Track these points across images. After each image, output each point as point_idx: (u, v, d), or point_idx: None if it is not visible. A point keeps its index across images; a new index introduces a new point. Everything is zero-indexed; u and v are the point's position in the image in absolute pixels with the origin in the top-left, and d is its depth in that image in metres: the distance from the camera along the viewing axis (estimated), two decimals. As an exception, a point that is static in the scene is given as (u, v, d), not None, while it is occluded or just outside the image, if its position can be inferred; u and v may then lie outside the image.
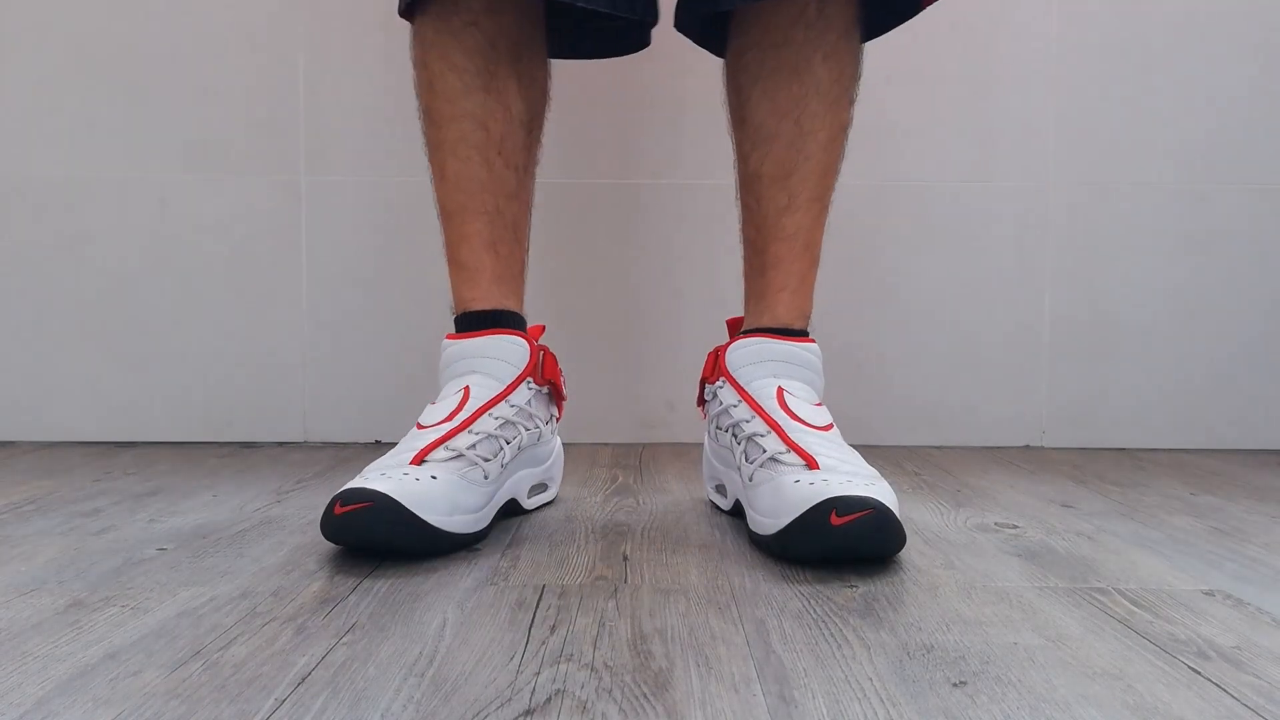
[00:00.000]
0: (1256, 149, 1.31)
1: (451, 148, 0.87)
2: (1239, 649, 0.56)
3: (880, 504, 0.70)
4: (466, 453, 0.79)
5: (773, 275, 0.90)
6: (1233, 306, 1.32)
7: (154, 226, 1.31)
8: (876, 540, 0.70)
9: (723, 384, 0.87)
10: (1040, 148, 1.32)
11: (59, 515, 0.88)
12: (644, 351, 1.31)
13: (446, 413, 0.81)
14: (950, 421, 1.33)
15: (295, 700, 0.48)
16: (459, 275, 0.89)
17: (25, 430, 1.31)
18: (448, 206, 0.89)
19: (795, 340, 0.87)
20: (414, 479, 0.74)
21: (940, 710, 0.47)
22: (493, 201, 0.88)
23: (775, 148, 0.88)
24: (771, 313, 0.89)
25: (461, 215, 0.88)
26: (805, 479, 0.74)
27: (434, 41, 0.88)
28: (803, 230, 0.90)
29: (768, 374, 0.85)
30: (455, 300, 0.90)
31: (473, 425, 0.80)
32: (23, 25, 1.29)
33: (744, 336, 0.88)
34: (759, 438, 0.81)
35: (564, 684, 0.50)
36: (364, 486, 0.71)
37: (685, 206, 1.31)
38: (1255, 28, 1.31)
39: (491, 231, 0.88)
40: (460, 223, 0.88)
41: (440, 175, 0.89)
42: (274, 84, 1.30)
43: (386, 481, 0.72)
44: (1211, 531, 0.85)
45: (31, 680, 0.50)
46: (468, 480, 0.78)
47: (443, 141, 0.88)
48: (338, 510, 0.70)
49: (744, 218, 0.93)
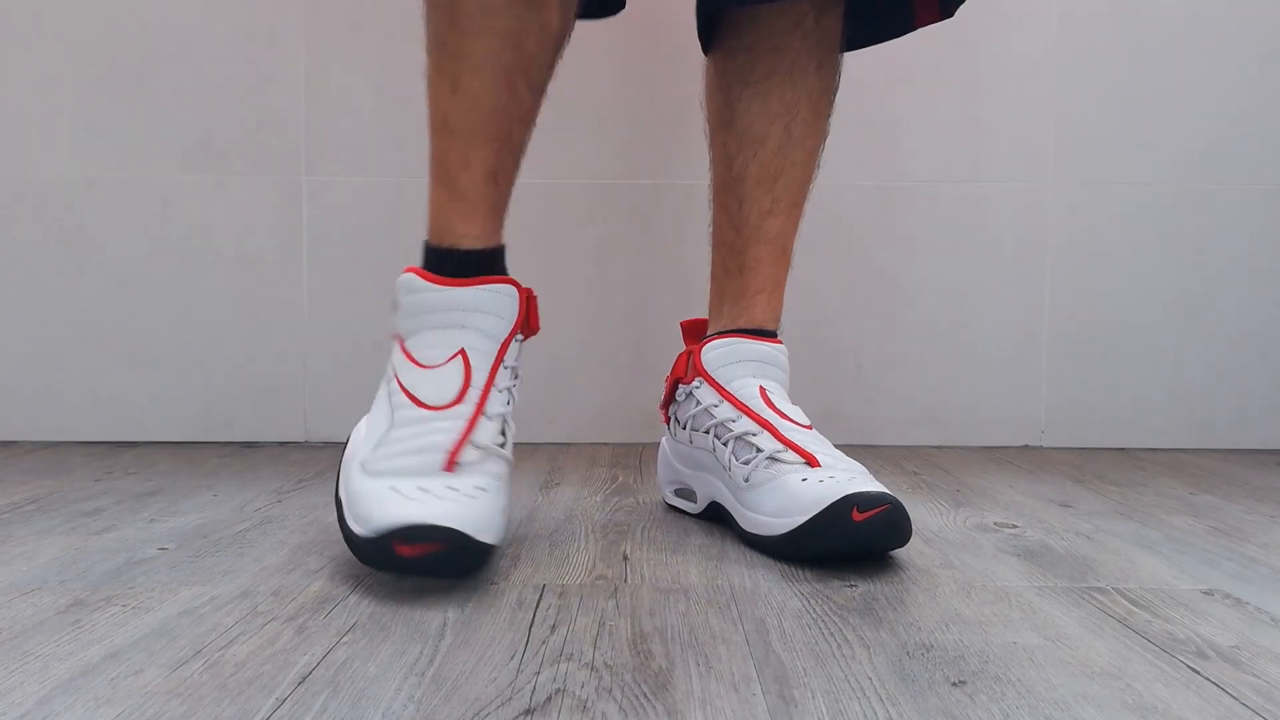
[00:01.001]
0: (1256, 149, 1.31)
1: (475, 64, 0.76)
2: (1238, 648, 0.56)
3: (895, 498, 0.71)
4: (493, 447, 0.72)
5: (750, 278, 0.90)
6: (1232, 306, 1.32)
7: (155, 226, 1.31)
8: (895, 533, 0.72)
9: (700, 384, 0.86)
10: (1040, 148, 1.32)
11: (60, 515, 0.88)
12: (644, 351, 1.31)
13: (455, 390, 0.72)
14: (949, 421, 1.33)
15: (296, 699, 0.48)
16: (452, 204, 0.78)
17: (27, 430, 1.31)
18: (453, 124, 0.78)
19: (770, 341, 0.87)
20: (466, 496, 0.66)
21: (939, 709, 0.48)
22: (507, 127, 0.78)
23: (763, 151, 0.88)
24: (749, 314, 0.89)
25: (470, 138, 0.77)
26: (813, 477, 0.74)
27: None
28: (782, 235, 0.90)
29: (748, 374, 0.85)
30: (438, 229, 0.78)
31: (487, 408, 0.73)
32: (24, 26, 1.29)
33: (720, 337, 0.88)
34: (750, 437, 0.81)
35: (564, 683, 0.51)
36: (427, 523, 0.62)
37: (686, 207, 1.31)
38: (1254, 28, 1.31)
39: (498, 159, 0.79)
40: (467, 147, 0.78)
41: (452, 89, 0.77)
42: (275, 84, 1.30)
43: (440, 505, 0.64)
44: (1210, 531, 0.85)
45: (33, 679, 0.51)
46: (504, 482, 0.72)
47: (465, 54, 0.76)
48: (403, 551, 0.62)
49: (721, 219, 0.93)
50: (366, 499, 0.67)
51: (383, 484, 0.67)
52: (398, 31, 1.30)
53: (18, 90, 1.30)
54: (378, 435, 0.72)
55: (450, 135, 0.78)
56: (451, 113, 0.77)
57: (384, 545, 0.63)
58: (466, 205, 0.78)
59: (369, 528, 0.64)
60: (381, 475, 0.68)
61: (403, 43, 1.31)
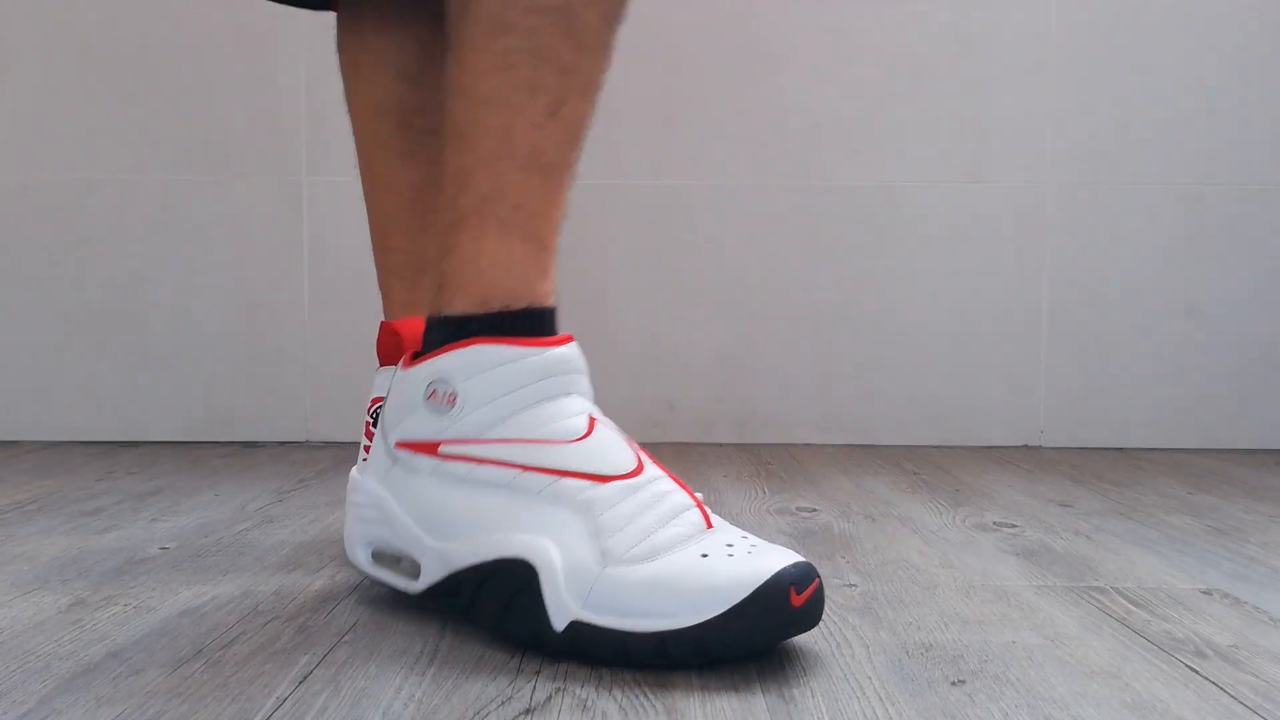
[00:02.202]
0: (1252, 150, 1.32)
1: (584, 82, 0.64)
2: (1236, 647, 0.56)
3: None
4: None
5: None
6: (1229, 306, 1.33)
7: (156, 227, 1.31)
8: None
9: None
10: (1038, 148, 1.32)
11: (62, 514, 0.88)
12: (644, 351, 1.32)
13: (628, 455, 0.59)
14: (949, 421, 1.33)
15: (297, 698, 0.48)
16: (533, 258, 0.63)
17: (28, 430, 1.31)
18: (548, 158, 0.63)
19: None
20: (745, 552, 0.55)
21: (939, 709, 0.48)
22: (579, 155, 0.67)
23: None
24: None
25: (561, 173, 0.65)
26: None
27: None
28: None
29: None
30: (508, 290, 0.62)
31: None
32: (25, 27, 1.29)
33: None
34: None
35: (564, 682, 0.51)
36: (800, 561, 0.54)
37: (686, 207, 1.31)
38: (1252, 29, 1.31)
39: (569, 193, 0.67)
40: (557, 184, 0.65)
41: (551, 113, 0.63)
42: (276, 85, 1.30)
43: (773, 554, 0.54)
44: (1209, 530, 0.85)
45: (34, 679, 0.51)
46: None
47: (577, 69, 0.63)
48: (799, 600, 0.52)
49: None
50: (692, 571, 0.53)
51: (685, 556, 0.54)
52: (398, 32, 1.30)
53: (19, 92, 1.30)
54: (576, 533, 0.56)
55: (540, 173, 0.63)
56: (546, 143, 0.63)
57: (777, 594, 0.52)
58: (547, 255, 0.65)
59: (744, 587, 0.52)
60: (657, 554, 0.54)
61: (403, 43, 1.31)
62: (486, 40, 0.61)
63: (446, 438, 0.59)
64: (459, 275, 0.62)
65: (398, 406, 0.61)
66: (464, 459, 0.59)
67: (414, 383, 0.61)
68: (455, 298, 0.61)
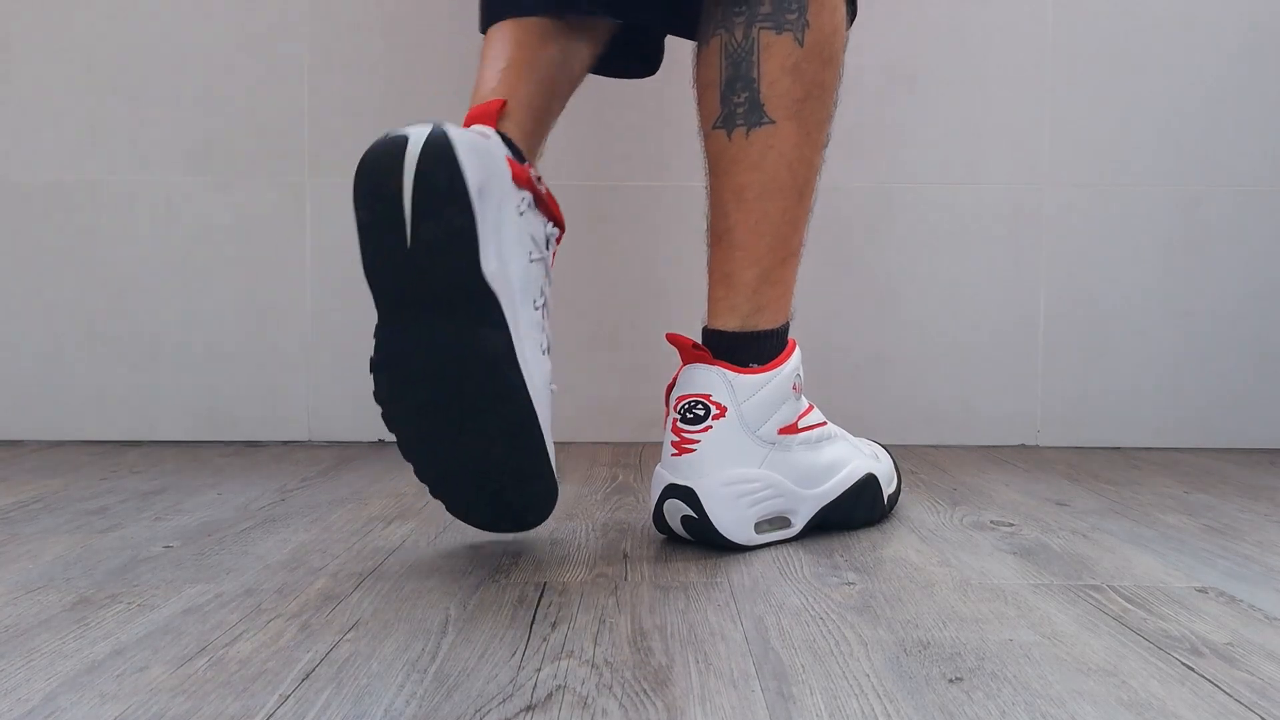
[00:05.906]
0: (1248, 150, 1.32)
1: None
2: (1232, 645, 0.57)
3: None
4: None
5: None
6: (1225, 306, 1.33)
7: (159, 228, 1.31)
8: None
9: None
10: (1035, 149, 1.33)
11: (66, 513, 0.89)
12: (644, 351, 1.32)
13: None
14: (946, 420, 1.34)
15: (299, 696, 0.49)
16: (789, 285, 0.83)
17: (32, 429, 1.31)
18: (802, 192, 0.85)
19: None
20: None
21: (936, 706, 0.48)
22: None
23: None
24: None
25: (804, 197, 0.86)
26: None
27: None
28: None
29: None
30: (785, 307, 0.83)
31: None
32: (28, 29, 1.30)
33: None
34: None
35: (565, 680, 0.51)
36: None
37: (686, 207, 1.32)
38: (1247, 30, 1.31)
39: None
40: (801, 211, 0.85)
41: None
42: (278, 87, 1.31)
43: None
44: (1205, 529, 0.86)
45: (39, 676, 0.51)
46: None
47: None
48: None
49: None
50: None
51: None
52: (399, 32, 1.31)
53: (23, 94, 1.30)
54: (867, 453, 0.89)
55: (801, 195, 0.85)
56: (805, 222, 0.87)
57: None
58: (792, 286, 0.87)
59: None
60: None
61: (404, 45, 1.32)
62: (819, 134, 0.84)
63: (799, 415, 0.81)
64: (783, 300, 0.82)
65: (768, 402, 0.78)
66: (810, 427, 0.82)
67: (782, 381, 0.79)
68: (778, 315, 0.82)
